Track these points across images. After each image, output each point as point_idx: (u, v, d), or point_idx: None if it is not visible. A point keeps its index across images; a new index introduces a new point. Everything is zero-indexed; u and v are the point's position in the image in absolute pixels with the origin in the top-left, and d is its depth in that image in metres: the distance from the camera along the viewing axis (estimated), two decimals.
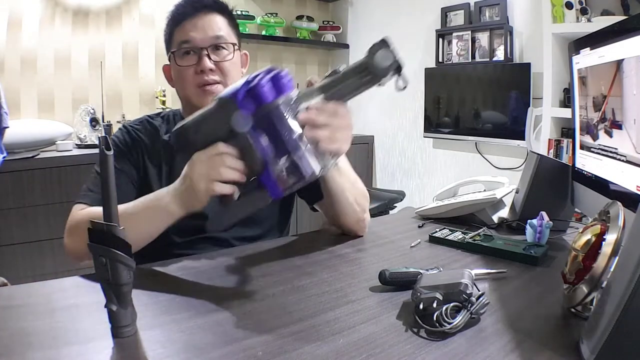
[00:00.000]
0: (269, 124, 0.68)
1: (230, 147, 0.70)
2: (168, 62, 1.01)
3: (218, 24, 0.97)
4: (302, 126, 0.68)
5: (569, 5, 2.00)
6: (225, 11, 1.00)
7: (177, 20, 0.96)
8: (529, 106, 2.30)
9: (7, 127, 1.78)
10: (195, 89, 0.96)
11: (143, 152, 0.98)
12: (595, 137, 0.91)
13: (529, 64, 2.33)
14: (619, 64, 0.78)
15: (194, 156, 0.73)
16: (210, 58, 0.95)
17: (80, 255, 0.83)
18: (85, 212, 0.86)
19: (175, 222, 0.90)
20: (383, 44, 0.68)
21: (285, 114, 0.67)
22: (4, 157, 1.78)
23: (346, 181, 0.93)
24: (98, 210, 0.79)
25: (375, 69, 0.68)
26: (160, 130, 1.02)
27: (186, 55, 0.96)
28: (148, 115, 1.06)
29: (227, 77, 0.97)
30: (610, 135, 0.83)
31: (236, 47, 1.00)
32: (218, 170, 0.69)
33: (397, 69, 0.69)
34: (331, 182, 0.90)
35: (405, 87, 0.70)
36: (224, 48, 0.97)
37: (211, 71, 0.95)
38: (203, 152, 0.71)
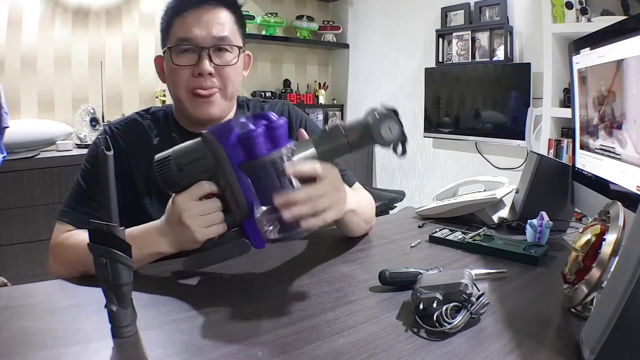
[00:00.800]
0: (258, 176, 0.65)
1: (214, 185, 0.68)
2: (161, 54, 0.92)
3: (223, 21, 0.88)
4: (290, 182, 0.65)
5: (569, 5, 2.00)
6: (233, 6, 0.91)
7: (178, 10, 0.87)
8: (529, 106, 2.30)
9: (7, 127, 1.78)
10: (189, 93, 0.88)
11: (128, 159, 0.90)
12: (595, 137, 0.91)
13: (529, 64, 2.33)
14: (619, 63, 0.78)
15: (179, 200, 0.68)
16: (211, 60, 0.86)
17: (61, 277, 0.78)
18: (65, 237, 0.82)
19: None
20: (392, 115, 0.66)
21: (278, 169, 0.64)
22: (4, 157, 1.78)
23: (361, 218, 0.90)
24: (77, 239, 0.78)
25: (379, 139, 0.66)
26: (150, 133, 0.93)
27: (184, 52, 0.86)
28: (137, 113, 0.97)
29: (227, 83, 0.89)
30: (611, 135, 0.83)
31: (241, 50, 0.91)
32: (210, 216, 0.67)
33: (402, 140, 0.68)
34: (344, 220, 0.87)
35: (404, 155, 0.69)
36: (227, 51, 0.89)
37: (210, 75, 0.86)
38: (188, 194, 0.67)
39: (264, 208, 0.65)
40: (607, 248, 0.56)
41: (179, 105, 0.92)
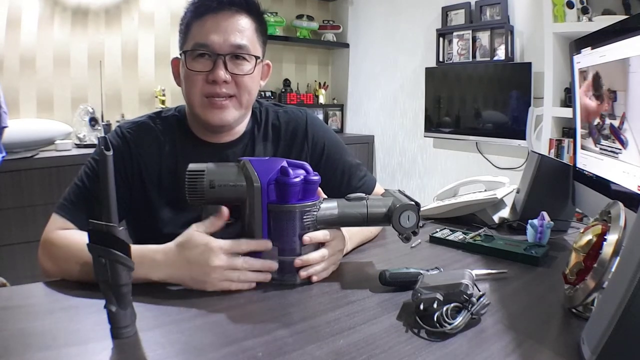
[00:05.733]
0: (281, 219, 0.71)
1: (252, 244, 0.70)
2: (178, 56, 0.89)
3: (242, 28, 0.85)
4: (303, 245, 0.72)
5: (570, 5, 2.00)
6: (255, 12, 0.88)
7: (197, 13, 0.84)
8: (530, 106, 2.29)
9: (6, 127, 1.77)
10: (202, 98, 0.85)
11: (139, 163, 0.89)
12: (596, 137, 0.90)
13: (529, 64, 2.33)
14: (620, 63, 0.77)
15: (215, 245, 0.68)
16: (226, 68, 0.84)
17: (50, 274, 0.77)
18: (60, 235, 0.79)
19: (175, 220, 0.89)
20: (414, 207, 0.73)
21: (302, 219, 0.71)
22: (3, 157, 1.77)
23: (361, 243, 0.94)
24: (73, 241, 0.76)
25: (396, 224, 0.73)
26: (161, 139, 0.90)
27: (200, 57, 0.84)
28: (149, 117, 0.93)
29: (242, 92, 0.86)
30: (612, 135, 0.82)
31: (259, 60, 0.88)
32: (232, 272, 0.68)
33: (413, 231, 0.75)
34: None
35: (408, 241, 0.77)
36: (244, 59, 0.86)
37: (225, 83, 0.84)
38: (230, 245, 0.68)
39: (274, 254, 0.72)
40: (608, 248, 0.55)
41: (192, 110, 0.89)
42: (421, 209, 0.81)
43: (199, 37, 0.83)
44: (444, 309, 0.58)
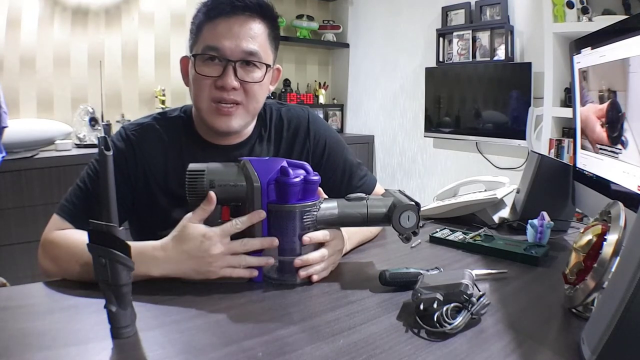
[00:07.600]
0: (281, 219, 0.71)
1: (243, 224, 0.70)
2: (187, 55, 0.87)
3: (255, 34, 0.83)
4: (303, 246, 0.72)
5: (570, 5, 2.00)
6: (269, 17, 0.86)
7: (210, 15, 0.82)
8: (530, 106, 2.29)
9: (6, 127, 1.77)
10: (210, 103, 0.84)
11: (143, 165, 0.88)
12: (596, 137, 0.90)
13: (529, 64, 2.33)
14: (620, 63, 0.77)
15: (210, 234, 0.68)
16: (236, 74, 0.82)
17: (50, 274, 0.77)
18: (60, 234, 0.80)
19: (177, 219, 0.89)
20: (414, 208, 0.73)
21: (302, 219, 0.71)
22: (3, 157, 1.77)
23: (360, 243, 0.94)
24: (73, 240, 0.76)
25: (396, 224, 0.73)
26: (166, 140, 0.90)
27: (210, 61, 0.82)
28: (154, 118, 0.92)
29: (251, 99, 0.85)
30: (612, 135, 0.82)
31: (270, 68, 0.87)
32: (234, 258, 0.69)
33: (413, 231, 0.75)
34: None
35: (408, 241, 0.77)
36: (255, 66, 0.84)
37: (233, 90, 0.83)
38: (222, 231, 0.68)
39: (274, 255, 0.72)
40: (608, 248, 0.55)
41: (199, 113, 0.88)
42: (421, 209, 0.82)
43: (210, 40, 0.82)
44: (444, 309, 0.58)
